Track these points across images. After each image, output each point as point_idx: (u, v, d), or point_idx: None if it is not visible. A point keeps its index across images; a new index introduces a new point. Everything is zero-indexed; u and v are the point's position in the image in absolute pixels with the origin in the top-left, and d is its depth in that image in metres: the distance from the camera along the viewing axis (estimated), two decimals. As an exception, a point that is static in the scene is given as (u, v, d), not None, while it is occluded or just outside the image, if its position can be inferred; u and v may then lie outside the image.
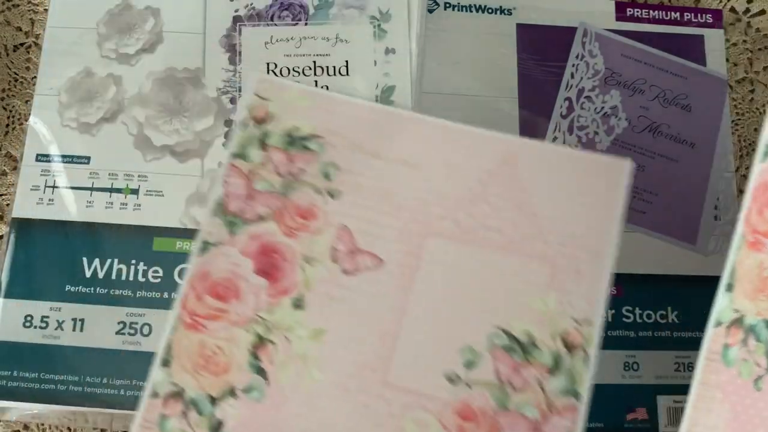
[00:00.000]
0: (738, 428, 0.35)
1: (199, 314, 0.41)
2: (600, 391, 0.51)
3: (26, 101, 0.56)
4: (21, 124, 0.56)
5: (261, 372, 0.40)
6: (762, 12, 0.58)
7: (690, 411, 0.36)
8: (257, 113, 0.45)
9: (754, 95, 0.57)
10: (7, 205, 0.54)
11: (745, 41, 0.58)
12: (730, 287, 0.36)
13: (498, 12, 0.55)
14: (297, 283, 0.41)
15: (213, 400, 0.39)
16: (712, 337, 0.36)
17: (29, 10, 0.58)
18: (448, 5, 0.54)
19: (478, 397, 0.38)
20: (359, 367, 0.40)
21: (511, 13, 0.55)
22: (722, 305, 0.36)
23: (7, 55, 0.51)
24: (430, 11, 0.51)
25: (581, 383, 0.39)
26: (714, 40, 0.58)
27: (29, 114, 0.53)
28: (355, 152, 0.44)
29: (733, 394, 0.36)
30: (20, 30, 0.58)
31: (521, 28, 0.55)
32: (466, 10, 0.54)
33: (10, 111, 0.56)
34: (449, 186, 0.43)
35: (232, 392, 0.40)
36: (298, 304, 0.41)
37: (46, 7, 0.57)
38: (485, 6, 0.53)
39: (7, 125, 0.56)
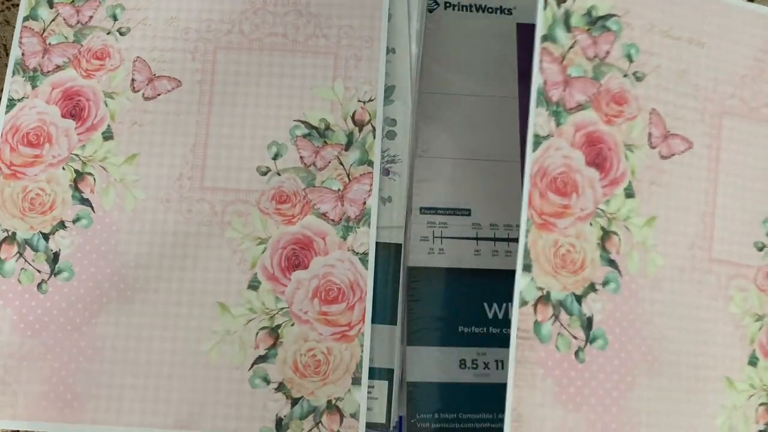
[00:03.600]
0: (566, 401, 0.37)
1: (16, 164, 0.43)
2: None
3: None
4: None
5: (85, 202, 0.43)
6: (762, 11, 0.56)
7: (512, 390, 0.36)
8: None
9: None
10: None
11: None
12: (528, 267, 0.37)
13: (498, 12, 0.52)
14: (103, 118, 0.44)
15: (45, 236, 0.43)
16: (519, 317, 0.37)
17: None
18: (448, 5, 0.52)
19: (288, 181, 0.43)
20: (176, 179, 0.43)
21: (511, 13, 0.52)
22: (523, 285, 0.37)
23: (7, 55, 0.49)
24: (430, 11, 0.49)
25: (372, 152, 0.43)
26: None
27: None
28: None
29: (555, 369, 0.37)
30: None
31: (521, 28, 0.52)
32: (466, 10, 0.51)
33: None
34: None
35: (62, 225, 0.43)
36: (107, 136, 0.44)
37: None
38: (485, 6, 0.51)
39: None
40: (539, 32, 0.41)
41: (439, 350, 0.44)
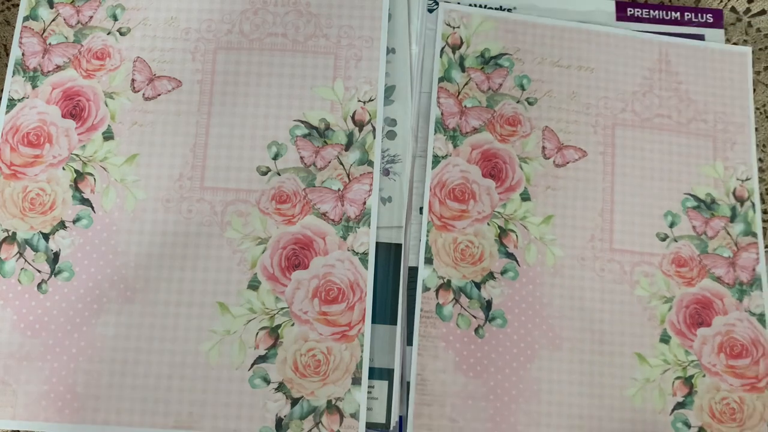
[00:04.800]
0: (467, 370, 0.43)
1: (16, 164, 0.44)
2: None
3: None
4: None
5: (85, 202, 0.43)
6: (762, 12, 0.54)
7: (416, 359, 0.43)
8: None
9: (755, 95, 0.53)
10: None
11: (745, 41, 0.53)
12: (429, 261, 0.44)
13: (498, 11, 0.50)
14: (104, 118, 0.44)
15: (45, 236, 0.43)
16: (422, 300, 0.43)
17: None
18: (448, 5, 0.52)
19: (288, 181, 0.43)
20: (175, 179, 0.43)
21: (511, 13, 0.51)
22: (426, 275, 0.44)
23: (7, 55, 0.49)
24: (430, 11, 0.48)
25: (372, 152, 0.44)
26: (714, 39, 0.53)
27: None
28: None
29: (456, 342, 0.43)
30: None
31: (521, 27, 0.52)
32: (466, 10, 0.52)
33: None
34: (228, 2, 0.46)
35: (62, 225, 0.43)
36: (107, 136, 0.44)
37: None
38: (485, 5, 0.50)
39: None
40: (436, 75, 0.47)
41: (438, 350, 0.44)
